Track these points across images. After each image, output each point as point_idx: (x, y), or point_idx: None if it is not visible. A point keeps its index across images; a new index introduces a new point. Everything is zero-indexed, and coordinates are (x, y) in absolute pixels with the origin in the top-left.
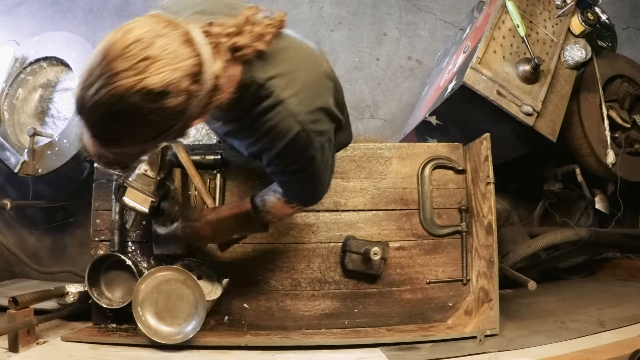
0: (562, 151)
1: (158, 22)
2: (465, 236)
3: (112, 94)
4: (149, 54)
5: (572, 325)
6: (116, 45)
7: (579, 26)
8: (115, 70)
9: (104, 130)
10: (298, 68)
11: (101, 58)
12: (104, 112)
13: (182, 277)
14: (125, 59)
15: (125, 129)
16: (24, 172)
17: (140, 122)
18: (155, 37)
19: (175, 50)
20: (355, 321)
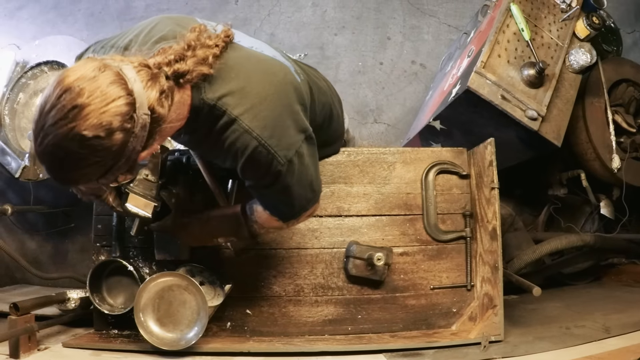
0: (567, 156)
1: (90, 67)
2: (469, 242)
3: (52, 143)
4: (77, 102)
5: (577, 332)
6: (50, 96)
7: (584, 30)
8: (51, 122)
9: (58, 174)
10: (249, 82)
11: (41, 110)
12: (50, 160)
13: (184, 283)
14: (58, 110)
15: (73, 171)
16: (25, 177)
17: (84, 164)
18: (84, 83)
19: (104, 93)
20: (358, 327)
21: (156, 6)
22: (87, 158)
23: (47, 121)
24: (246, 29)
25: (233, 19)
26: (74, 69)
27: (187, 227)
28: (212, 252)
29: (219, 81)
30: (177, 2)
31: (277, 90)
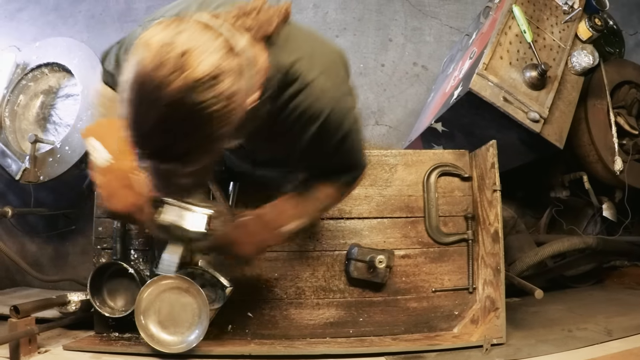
0: (569, 158)
1: (167, 25)
2: (471, 244)
3: (167, 105)
4: (181, 50)
5: (580, 334)
6: (145, 61)
7: (587, 32)
8: (158, 81)
9: (175, 150)
10: (314, 49)
11: (139, 81)
12: (167, 130)
13: (185, 285)
14: (162, 66)
15: (194, 136)
16: (26, 180)
17: (205, 119)
18: (175, 35)
19: (200, 37)
20: (360, 330)
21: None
22: (208, 109)
23: (151, 86)
24: None
25: None
26: (151, 32)
27: (248, 226)
28: (215, 256)
29: (288, 46)
30: None
31: (339, 56)
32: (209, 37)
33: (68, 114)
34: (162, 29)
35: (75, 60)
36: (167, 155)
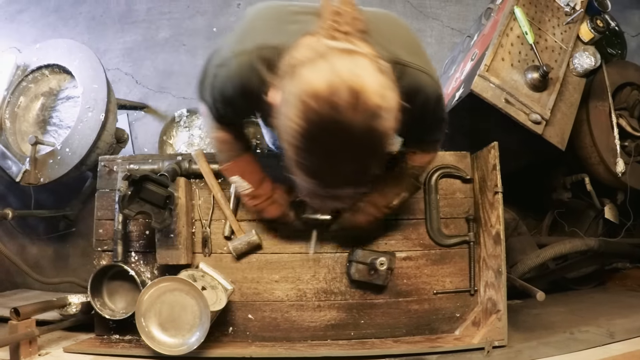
0: (571, 160)
1: (316, 63)
2: (472, 246)
3: (358, 143)
4: (351, 88)
5: (582, 337)
6: (323, 109)
7: (588, 33)
8: (344, 124)
9: (363, 178)
10: (397, 33)
11: (323, 128)
12: (359, 164)
13: (185, 287)
14: (342, 109)
15: (378, 160)
16: (26, 181)
17: (385, 141)
18: (335, 74)
19: (356, 66)
20: (361, 332)
21: (158, 9)
22: (386, 135)
23: (336, 128)
24: None
25: (235, 22)
26: (309, 77)
27: (363, 210)
28: (215, 257)
29: (380, 40)
30: (179, 5)
31: (412, 31)
32: (361, 63)
33: (68, 116)
34: (316, 70)
35: (75, 62)
36: (354, 184)
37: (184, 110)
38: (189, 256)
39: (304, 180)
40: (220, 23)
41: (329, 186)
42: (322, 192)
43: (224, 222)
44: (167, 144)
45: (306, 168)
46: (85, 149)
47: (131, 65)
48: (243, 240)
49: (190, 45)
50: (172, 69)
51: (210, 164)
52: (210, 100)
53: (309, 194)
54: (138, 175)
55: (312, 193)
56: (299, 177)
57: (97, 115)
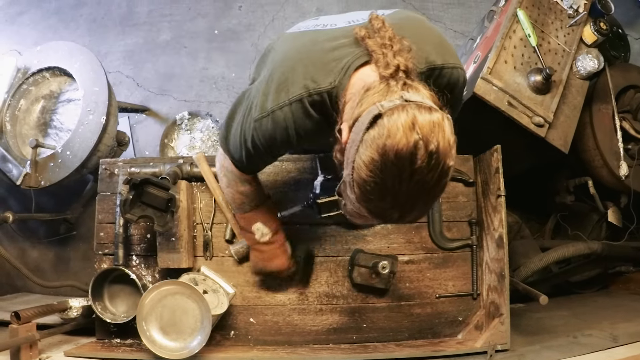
0: (574, 163)
1: (398, 118)
2: (475, 250)
3: (435, 187)
4: (447, 163)
5: (585, 340)
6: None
7: (592, 36)
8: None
9: (425, 209)
10: (424, 34)
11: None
12: (430, 202)
13: (187, 291)
14: (426, 161)
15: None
16: (26, 185)
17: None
18: (414, 131)
19: (430, 120)
20: (363, 336)
21: (159, 11)
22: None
23: (418, 184)
24: (250, 34)
25: (237, 25)
26: (390, 128)
27: None
28: (217, 261)
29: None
30: (180, 8)
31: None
32: (438, 121)
33: (69, 119)
34: (398, 124)
35: (76, 64)
36: (422, 212)
37: (185, 113)
38: (190, 260)
39: (365, 212)
40: (222, 25)
41: (387, 222)
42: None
43: (225, 225)
44: (169, 147)
45: (372, 207)
46: (86, 152)
47: (132, 68)
48: (245, 243)
49: (192, 47)
50: (173, 71)
51: (212, 167)
52: (240, 154)
53: (359, 216)
54: (139, 178)
55: (364, 219)
56: (359, 209)
57: (98, 118)
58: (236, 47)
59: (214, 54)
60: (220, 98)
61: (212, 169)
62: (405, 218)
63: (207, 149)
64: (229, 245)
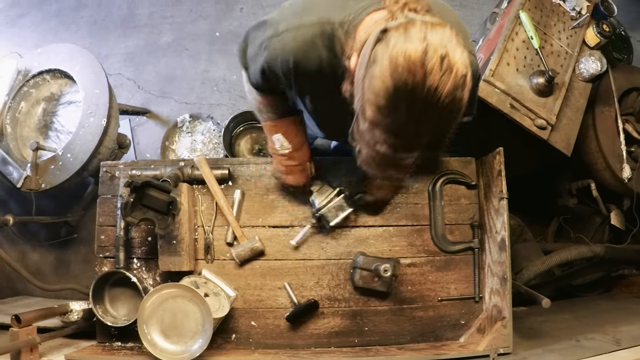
0: (577, 166)
1: (403, 32)
2: (477, 253)
3: (443, 106)
4: (440, 55)
5: (587, 344)
6: (411, 71)
7: (594, 38)
8: (431, 86)
9: (437, 143)
10: (446, 11)
11: (410, 89)
12: (439, 127)
13: (188, 294)
14: (430, 72)
15: (453, 127)
16: (27, 187)
17: (461, 110)
18: (424, 43)
19: (441, 36)
20: (365, 339)
21: (160, 13)
22: (463, 103)
23: (424, 90)
24: None
25: (238, 27)
26: (396, 43)
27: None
28: (218, 264)
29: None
30: (181, 10)
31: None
32: (449, 34)
33: (70, 121)
34: (409, 37)
35: (77, 66)
36: (429, 147)
37: (187, 115)
38: (191, 263)
39: (380, 140)
40: (223, 27)
41: (404, 148)
42: (391, 156)
43: (226, 228)
44: (170, 150)
45: (388, 126)
46: (87, 155)
47: (133, 70)
48: (246, 246)
49: (193, 49)
50: (174, 73)
51: (213, 170)
52: (252, 69)
53: (374, 159)
54: (140, 181)
55: (380, 158)
56: (374, 138)
57: (98, 121)
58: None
59: (215, 56)
60: (222, 100)
61: (213, 171)
62: (422, 135)
63: (208, 151)
64: (230, 248)
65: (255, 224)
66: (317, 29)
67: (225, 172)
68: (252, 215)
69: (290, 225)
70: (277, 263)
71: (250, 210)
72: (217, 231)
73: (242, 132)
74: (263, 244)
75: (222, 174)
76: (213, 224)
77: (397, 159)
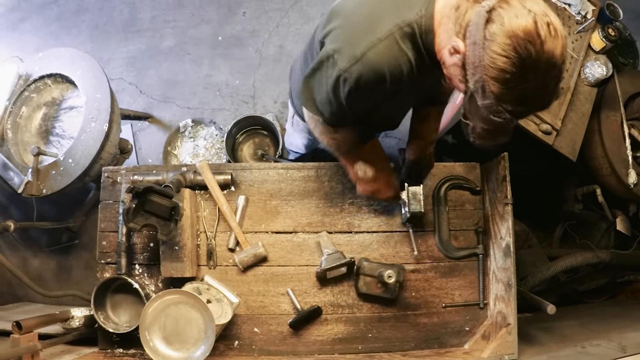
0: (582, 171)
1: (509, 10)
2: (482, 259)
3: (560, 67)
4: (546, 22)
5: (593, 350)
6: (531, 42)
7: (600, 42)
8: (549, 52)
9: (553, 100)
10: None
11: (535, 59)
12: (558, 87)
13: (190, 300)
14: (545, 40)
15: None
16: (28, 193)
17: None
18: (530, 15)
19: (537, 4)
20: (369, 346)
21: (162, 17)
22: None
23: (544, 56)
24: (254, 41)
25: (241, 31)
26: (508, 20)
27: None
28: (220, 270)
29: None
30: (184, 14)
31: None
32: (541, 3)
33: (71, 126)
34: (514, 13)
35: (78, 71)
36: (549, 104)
37: (189, 120)
38: (194, 269)
39: (501, 112)
40: (225, 32)
41: (534, 111)
42: (506, 125)
43: (229, 234)
44: (172, 155)
45: (517, 96)
46: (89, 160)
47: (135, 75)
48: (249, 252)
49: (195, 54)
50: (176, 78)
51: (215, 175)
52: (329, 108)
53: (491, 132)
54: (142, 187)
55: (496, 129)
56: (497, 112)
57: (100, 126)
58: (240, 53)
59: (217, 61)
60: (224, 105)
61: (216, 177)
62: (548, 96)
63: (210, 156)
64: (233, 254)
65: (258, 229)
66: (398, 34)
67: (228, 178)
68: (255, 221)
69: (293, 231)
70: (280, 269)
71: (253, 216)
72: (219, 237)
73: (245, 137)
74: (266, 249)
75: (225, 180)
76: (216, 229)
77: (510, 125)
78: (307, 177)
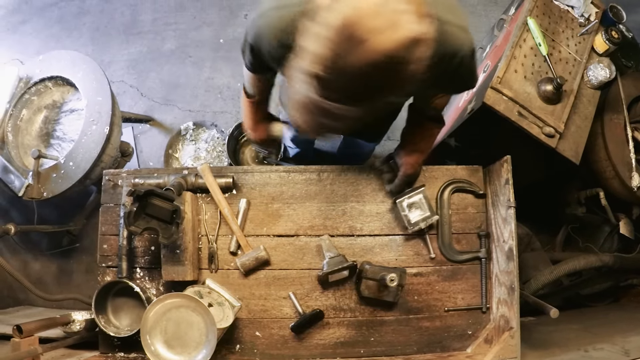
0: (586, 174)
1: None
2: (485, 262)
3: (383, 55)
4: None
5: (596, 354)
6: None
7: (603, 45)
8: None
9: (363, 96)
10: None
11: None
12: (369, 79)
13: (192, 304)
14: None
15: (384, 88)
16: (29, 196)
17: (400, 75)
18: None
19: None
20: (371, 350)
21: (163, 20)
22: (403, 69)
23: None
24: None
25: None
26: None
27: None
28: (222, 273)
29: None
30: (185, 16)
31: None
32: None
33: (72, 129)
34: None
35: (79, 73)
36: (354, 100)
37: (190, 123)
38: (195, 272)
39: (318, 90)
40: (227, 34)
41: (334, 88)
42: (326, 107)
43: (230, 237)
44: (173, 158)
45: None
46: (89, 163)
47: (136, 77)
48: (251, 255)
49: (197, 56)
50: (178, 81)
51: (217, 178)
52: (245, 47)
53: (305, 105)
54: (143, 190)
55: (315, 108)
56: (310, 86)
57: (101, 129)
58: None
59: (219, 63)
60: (226, 108)
61: (217, 180)
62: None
63: (212, 159)
64: (234, 258)
65: (259, 233)
66: (300, 8)
67: (230, 181)
68: (257, 224)
69: (295, 234)
70: (282, 272)
71: (254, 219)
72: (221, 240)
73: (247, 140)
74: (268, 253)
75: (226, 183)
76: (217, 233)
77: (334, 110)
78: (309, 180)
